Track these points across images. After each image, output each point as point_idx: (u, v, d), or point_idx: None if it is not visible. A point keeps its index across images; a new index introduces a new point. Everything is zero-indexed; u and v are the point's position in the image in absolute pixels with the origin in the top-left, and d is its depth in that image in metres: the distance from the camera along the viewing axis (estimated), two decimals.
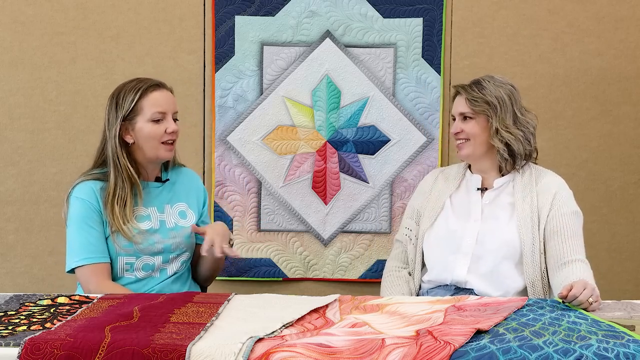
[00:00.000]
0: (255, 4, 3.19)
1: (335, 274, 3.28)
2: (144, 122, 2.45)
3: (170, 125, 2.47)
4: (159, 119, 2.46)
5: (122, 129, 2.45)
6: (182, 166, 2.66)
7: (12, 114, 3.24)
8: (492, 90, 2.56)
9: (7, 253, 3.27)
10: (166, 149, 2.48)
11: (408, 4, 3.19)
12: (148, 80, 2.50)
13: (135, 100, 2.45)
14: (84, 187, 2.45)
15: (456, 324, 1.84)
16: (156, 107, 2.46)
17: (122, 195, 2.43)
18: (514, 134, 2.54)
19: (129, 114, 2.45)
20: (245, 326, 1.84)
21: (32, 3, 3.20)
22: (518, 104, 2.59)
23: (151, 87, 2.48)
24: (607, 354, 1.65)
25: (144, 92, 2.46)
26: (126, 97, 2.46)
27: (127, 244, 2.43)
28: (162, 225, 2.51)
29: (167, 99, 2.50)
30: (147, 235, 2.46)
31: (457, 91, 2.64)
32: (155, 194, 2.53)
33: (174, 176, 2.61)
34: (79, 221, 2.42)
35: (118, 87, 2.51)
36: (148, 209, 2.50)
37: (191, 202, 2.60)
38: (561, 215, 2.51)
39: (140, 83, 2.48)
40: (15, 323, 1.90)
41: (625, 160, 3.26)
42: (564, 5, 3.20)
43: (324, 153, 3.24)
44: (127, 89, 2.47)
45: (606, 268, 3.23)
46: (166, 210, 2.54)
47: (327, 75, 3.22)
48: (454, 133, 2.62)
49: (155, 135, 2.45)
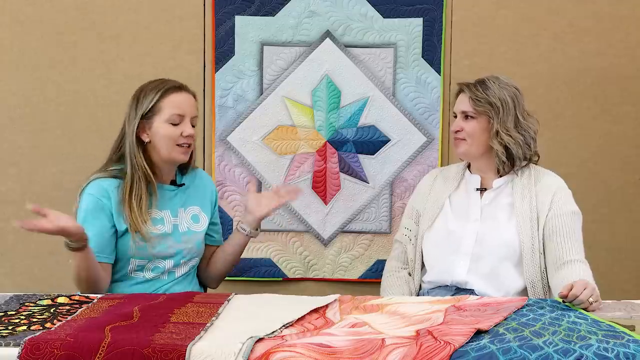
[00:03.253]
0: (255, 4, 3.19)
1: (335, 274, 3.28)
2: (161, 123, 2.45)
3: (187, 128, 2.47)
4: (176, 122, 2.46)
5: (140, 126, 2.45)
6: (195, 168, 2.67)
7: (12, 114, 3.24)
8: (496, 92, 2.55)
9: (7, 253, 3.27)
10: (181, 151, 2.48)
11: (408, 4, 3.18)
12: (171, 82, 2.50)
13: (155, 100, 2.45)
14: (97, 184, 2.45)
15: (456, 324, 1.84)
16: (175, 109, 2.46)
17: (138, 192, 2.43)
18: (514, 138, 2.54)
19: (147, 112, 2.45)
20: (245, 326, 1.84)
21: (32, 3, 3.20)
22: (521, 107, 2.58)
23: (172, 88, 2.48)
24: (607, 354, 1.65)
25: (165, 92, 2.46)
26: (147, 95, 2.46)
27: (142, 245, 2.43)
28: (175, 230, 2.51)
29: (187, 102, 2.50)
30: (161, 239, 2.46)
31: (461, 89, 2.63)
32: (169, 197, 2.53)
33: (189, 180, 2.61)
34: (85, 217, 2.42)
35: (141, 86, 2.51)
36: (162, 212, 2.50)
37: (204, 205, 2.61)
38: (560, 215, 2.51)
39: (163, 83, 2.49)
40: (15, 323, 1.90)
41: (625, 160, 3.26)
42: (564, 5, 3.20)
43: (324, 153, 3.24)
44: (149, 88, 2.47)
45: (606, 268, 3.22)
46: (180, 214, 2.54)
47: (327, 75, 3.22)
48: (454, 131, 2.62)
49: (171, 137, 2.45)
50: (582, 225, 2.56)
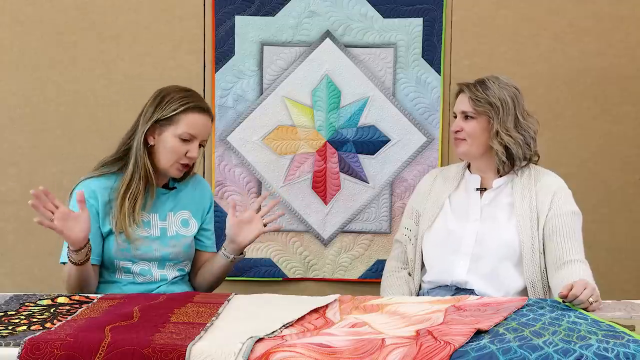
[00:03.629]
0: (255, 4, 3.19)
1: (335, 274, 3.28)
2: (172, 135, 2.45)
3: (193, 151, 2.47)
4: (187, 140, 2.46)
5: (150, 129, 2.45)
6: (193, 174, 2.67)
7: (12, 114, 3.24)
8: (495, 92, 2.55)
9: (7, 253, 3.27)
10: (178, 168, 2.49)
11: (408, 4, 3.18)
12: (197, 98, 2.50)
13: (177, 112, 2.44)
14: (84, 185, 2.46)
15: (456, 324, 1.84)
16: (190, 129, 2.45)
17: (134, 192, 2.44)
18: (514, 138, 2.54)
19: (164, 119, 2.45)
20: (245, 326, 1.84)
21: (32, 3, 3.20)
22: (521, 107, 2.58)
23: (197, 108, 2.47)
24: (607, 354, 1.65)
25: (188, 109, 2.45)
26: (171, 103, 2.45)
27: (125, 247, 2.43)
28: (162, 233, 2.51)
29: (204, 125, 2.49)
30: (145, 242, 2.46)
31: (461, 89, 2.64)
32: (161, 201, 2.53)
33: (183, 184, 2.61)
34: None
35: (169, 88, 2.51)
36: (150, 215, 2.50)
37: (195, 210, 2.60)
38: (560, 215, 2.51)
39: (190, 98, 2.48)
40: (15, 323, 1.90)
41: (625, 160, 3.26)
42: (564, 5, 3.20)
43: (324, 153, 3.24)
44: (175, 97, 2.47)
45: (606, 268, 3.22)
46: (168, 218, 2.54)
47: (327, 75, 3.22)
48: (454, 131, 2.62)
49: (175, 152, 2.46)
50: (582, 225, 2.56)
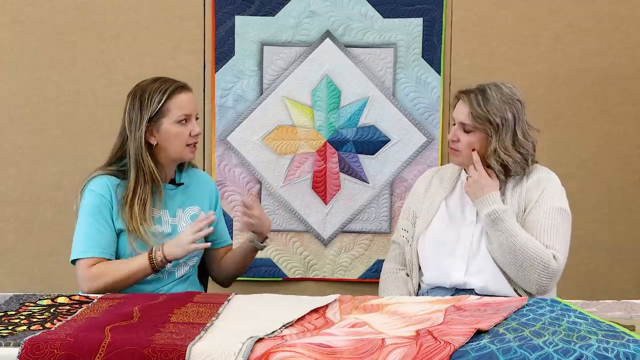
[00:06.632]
0: (255, 4, 3.19)
1: (335, 274, 3.29)
2: (170, 124, 2.45)
3: (195, 127, 2.48)
4: (184, 120, 2.46)
5: (147, 130, 2.44)
6: (194, 167, 2.67)
7: (12, 114, 3.24)
8: (497, 108, 2.49)
9: (7, 253, 3.27)
10: (190, 150, 2.49)
11: (408, 4, 3.18)
12: (172, 81, 2.49)
13: (163, 102, 2.43)
14: (99, 181, 2.45)
15: (456, 324, 1.84)
16: (182, 110, 2.45)
17: (142, 195, 2.43)
18: (512, 157, 2.50)
19: (154, 115, 2.44)
20: (245, 326, 1.84)
21: (32, 3, 3.20)
22: (521, 122, 2.53)
23: (177, 88, 2.47)
24: (607, 354, 1.64)
25: (171, 93, 2.45)
26: (152, 97, 2.44)
27: (140, 245, 2.43)
28: (173, 230, 2.50)
29: (191, 100, 2.50)
30: (159, 239, 2.46)
31: (461, 97, 2.60)
32: (169, 197, 2.53)
33: (188, 179, 2.60)
34: (89, 214, 2.42)
35: (140, 86, 2.48)
36: (160, 211, 2.50)
37: (204, 205, 2.60)
38: (544, 210, 2.48)
39: (166, 84, 2.47)
40: (15, 323, 1.90)
41: (625, 160, 3.26)
42: (564, 5, 3.20)
43: (324, 153, 3.24)
44: (153, 90, 2.45)
45: (606, 268, 3.22)
46: (178, 214, 2.53)
47: (327, 75, 3.22)
48: (451, 140, 2.59)
49: (181, 137, 2.46)
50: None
